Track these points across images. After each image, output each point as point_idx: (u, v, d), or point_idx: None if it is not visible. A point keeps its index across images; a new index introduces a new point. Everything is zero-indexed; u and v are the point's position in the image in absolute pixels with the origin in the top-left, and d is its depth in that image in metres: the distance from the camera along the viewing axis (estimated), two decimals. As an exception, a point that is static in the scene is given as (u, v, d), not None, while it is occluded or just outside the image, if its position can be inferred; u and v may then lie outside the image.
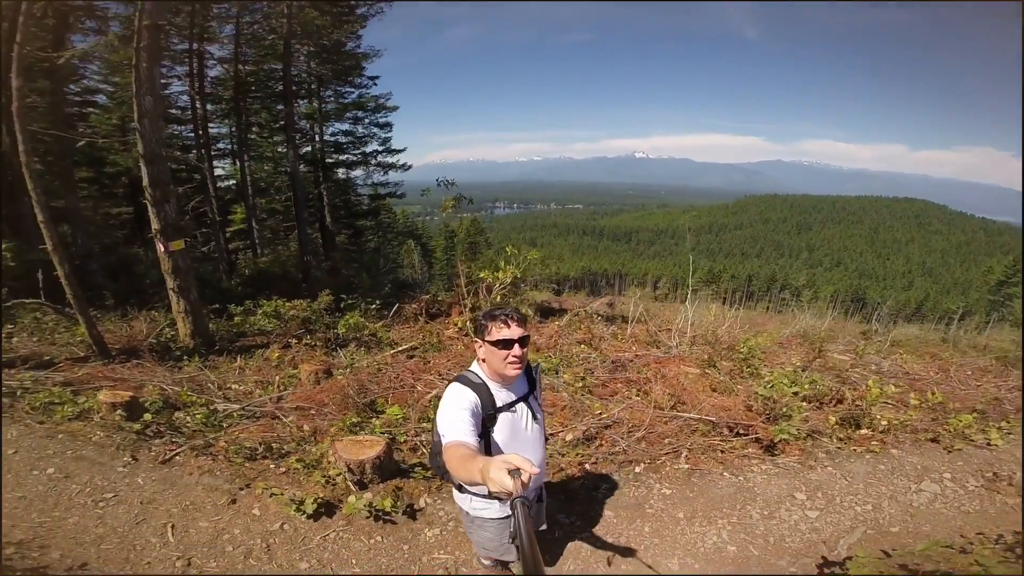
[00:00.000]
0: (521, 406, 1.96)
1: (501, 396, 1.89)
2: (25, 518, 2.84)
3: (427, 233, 36.25)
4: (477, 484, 1.31)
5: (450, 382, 1.90)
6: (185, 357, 6.12)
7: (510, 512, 1.79)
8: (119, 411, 3.80)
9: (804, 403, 4.47)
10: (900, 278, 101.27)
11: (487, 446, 1.87)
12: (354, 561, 2.69)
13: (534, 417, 2.01)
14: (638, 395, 4.93)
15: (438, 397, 2.88)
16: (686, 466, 3.53)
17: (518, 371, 1.86)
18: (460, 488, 2.01)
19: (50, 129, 9.87)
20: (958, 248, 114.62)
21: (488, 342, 1.83)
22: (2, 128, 8.09)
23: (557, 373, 5.52)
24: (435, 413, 1.93)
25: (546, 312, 9.95)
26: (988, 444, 3.95)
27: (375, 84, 17.73)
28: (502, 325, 1.83)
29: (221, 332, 7.56)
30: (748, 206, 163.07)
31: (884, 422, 4.13)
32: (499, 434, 1.89)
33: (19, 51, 5.33)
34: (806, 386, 4.52)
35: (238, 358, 6.29)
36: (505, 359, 1.82)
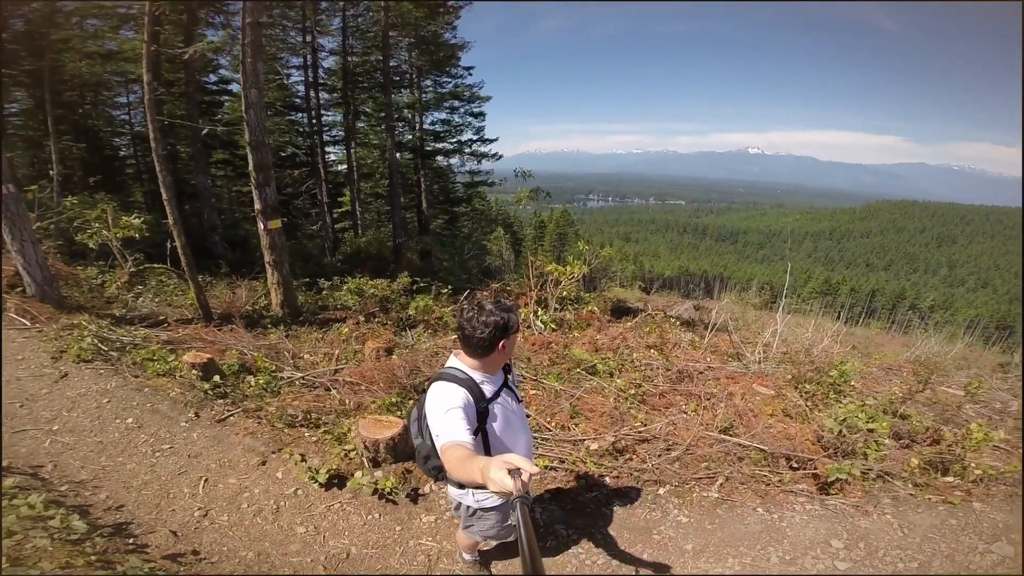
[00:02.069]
0: (504, 391, 2.00)
1: (487, 387, 1.91)
2: (96, 461, 3.32)
3: (518, 222, 36.67)
4: (477, 484, 1.34)
5: (432, 381, 1.90)
6: (272, 325, 6.75)
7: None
8: (195, 371, 4.30)
9: (889, 440, 3.89)
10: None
11: (484, 438, 1.90)
12: (346, 533, 2.83)
13: (517, 400, 2.08)
14: (694, 410, 4.60)
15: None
16: (716, 495, 3.23)
17: None
18: (460, 484, 2.04)
19: (184, 117, 11.39)
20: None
21: (514, 333, 1.90)
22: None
23: (612, 377, 5.31)
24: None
25: (620, 311, 9.60)
26: (1022, 479, 3.29)
27: (470, 74, 18.24)
28: (518, 312, 1.92)
29: (308, 304, 8.25)
30: (879, 211, 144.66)
31: (979, 471, 3.48)
32: (494, 425, 1.92)
33: (147, 49, 6.05)
34: (885, 424, 3.92)
35: (317, 330, 6.82)
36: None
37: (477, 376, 1.88)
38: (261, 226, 7.38)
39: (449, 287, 8.99)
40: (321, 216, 18.37)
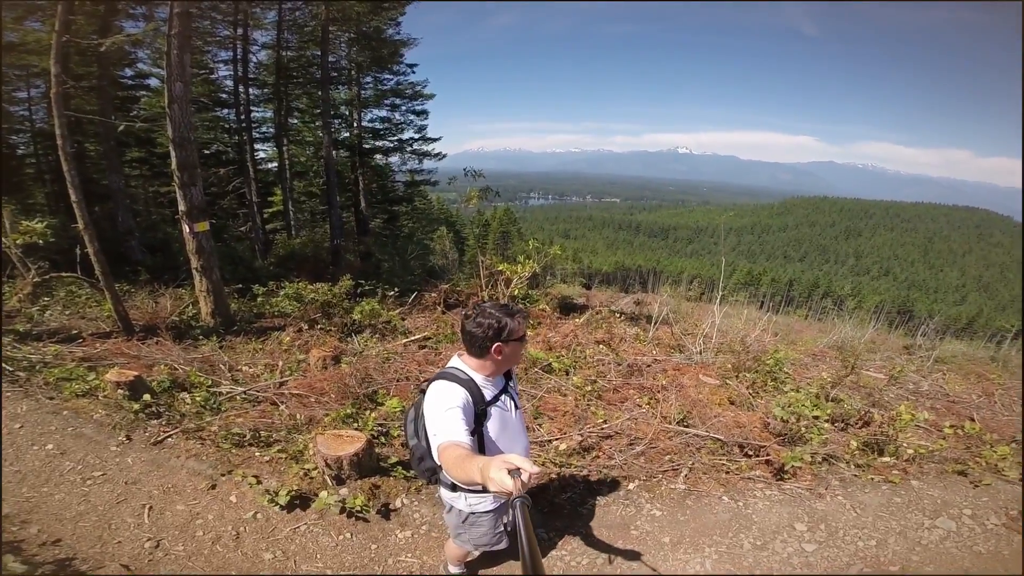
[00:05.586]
0: (504, 396, 1.96)
1: (488, 390, 1.88)
2: (16, 492, 2.93)
3: (461, 220, 36.30)
4: (475, 484, 1.31)
5: (432, 380, 1.86)
6: (203, 336, 6.25)
7: (504, 501, 1.93)
8: (121, 390, 3.88)
9: (827, 424, 4.18)
10: (953, 292, 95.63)
11: (480, 440, 1.86)
12: (319, 556, 2.66)
13: (516, 406, 2.05)
14: (649, 404, 4.72)
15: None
16: (683, 487, 3.33)
17: None
18: (453, 487, 1.99)
19: (96, 113, 10.34)
20: (1019, 263, 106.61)
21: (515, 341, 1.84)
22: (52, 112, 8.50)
23: (567, 374, 5.35)
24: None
25: (567, 308, 9.73)
26: (1022, 479, 3.62)
27: (413, 72, 17.80)
28: (523, 321, 1.86)
29: (242, 312, 7.72)
30: (795, 207, 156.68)
31: (910, 450, 3.81)
32: (491, 427, 1.89)
33: (57, 40, 5.49)
34: (828, 410, 4.22)
35: (254, 340, 6.39)
36: (522, 353, 1.93)
37: (478, 378, 1.87)
38: (187, 229, 6.84)
39: (395, 289, 8.71)
40: (250, 217, 17.27)
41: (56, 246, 7.80)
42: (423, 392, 1.90)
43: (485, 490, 1.23)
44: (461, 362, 1.91)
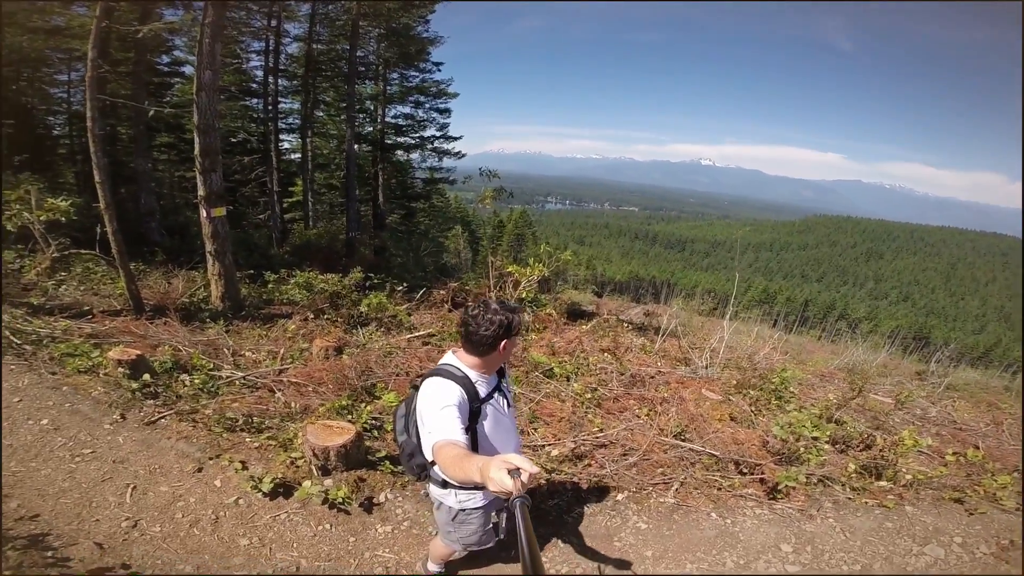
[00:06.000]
0: (497, 394, 1.96)
1: (482, 387, 1.87)
2: (4, 466, 2.97)
3: (477, 220, 36.38)
4: (474, 483, 1.31)
5: (426, 377, 1.85)
6: (210, 320, 6.33)
7: (494, 498, 1.91)
8: (122, 368, 3.93)
9: (827, 446, 4.09)
10: (972, 320, 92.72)
11: (473, 438, 1.85)
12: (295, 545, 2.65)
13: (509, 404, 2.06)
14: (648, 415, 4.66)
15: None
16: (672, 501, 3.28)
17: None
18: (444, 484, 1.96)
19: (130, 97, 10.63)
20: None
21: (516, 335, 1.87)
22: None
23: (568, 381, 5.31)
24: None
25: (575, 314, 9.67)
26: (1018, 508, 3.53)
27: (439, 70, 17.98)
28: (522, 314, 1.90)
29: (252, 298, 7.81)
30: (816, 226, 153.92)
31: (909, 476, 3.72)
32: (485, 425, 1.89)
33: (97, 25, 5.64)
34: (828, 432, 4.13)
35: (261, 326, 6.46)
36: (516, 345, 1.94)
37: (473, 375, 1.86)
38: (204, 213, 6.96)
39: (404, 284, 8.75)
40: (270, 205, 17.55)
41: (79, 224, 8.02)
42: (416, 388, 1.89)
43: (477, 488, 1.21)
44: (456, 358, 1.90)
